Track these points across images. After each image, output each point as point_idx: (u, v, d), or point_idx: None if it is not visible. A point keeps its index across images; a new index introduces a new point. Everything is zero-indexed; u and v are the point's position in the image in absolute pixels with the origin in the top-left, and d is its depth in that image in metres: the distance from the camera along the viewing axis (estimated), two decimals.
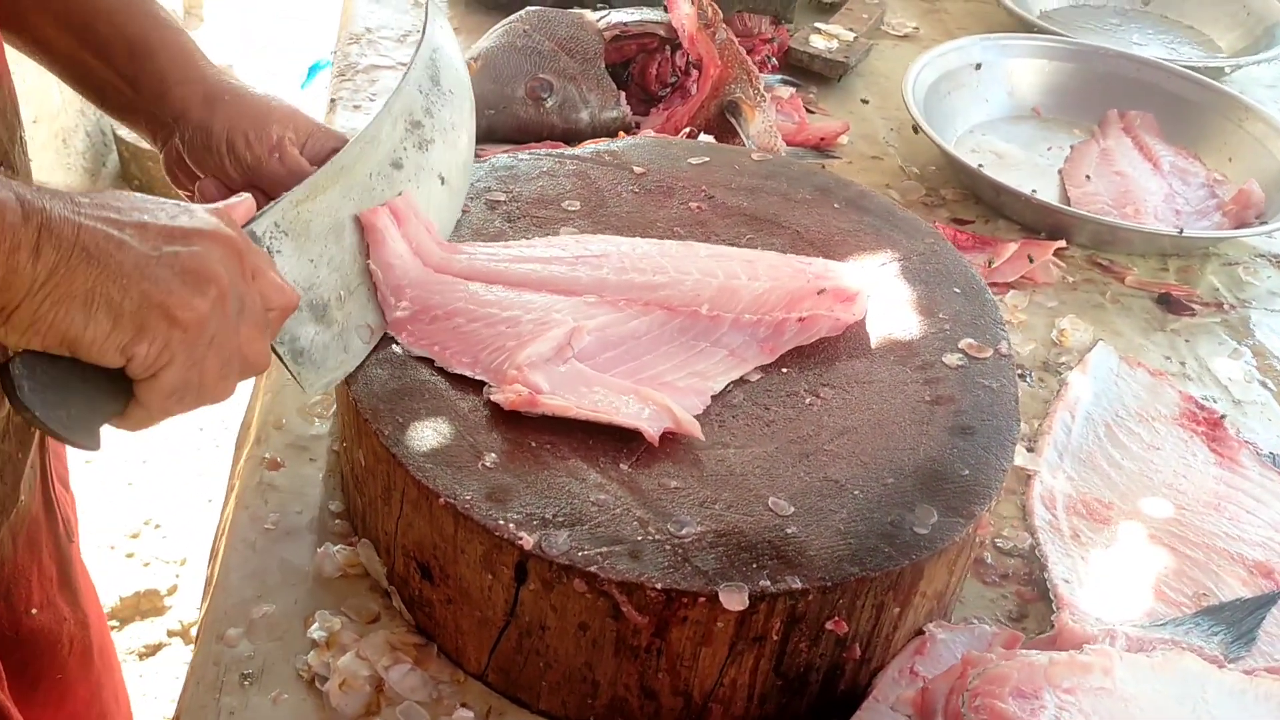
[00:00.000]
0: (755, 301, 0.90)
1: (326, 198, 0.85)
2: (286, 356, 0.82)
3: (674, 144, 1.16)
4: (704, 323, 0.89)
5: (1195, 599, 0.94)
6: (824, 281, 0.92)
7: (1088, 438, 1.09)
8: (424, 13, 1.00)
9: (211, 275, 0.70)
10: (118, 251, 0.66)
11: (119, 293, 0.66)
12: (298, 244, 0.83)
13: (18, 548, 1.03)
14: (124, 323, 0.66)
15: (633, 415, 0.81)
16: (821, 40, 1.66)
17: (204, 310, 0.69)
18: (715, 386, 0.86)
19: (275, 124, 0.91)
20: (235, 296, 0.71)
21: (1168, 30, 1.96)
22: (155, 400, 0.70)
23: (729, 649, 0.75)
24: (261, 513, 0.93)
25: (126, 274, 0.66)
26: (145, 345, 0.67)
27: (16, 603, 1.04)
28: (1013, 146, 1.57)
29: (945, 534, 0.78)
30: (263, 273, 0.75)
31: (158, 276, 0.67)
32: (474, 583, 0.78)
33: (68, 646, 1.13)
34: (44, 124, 3.04)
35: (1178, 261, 1.38)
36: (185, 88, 0.92)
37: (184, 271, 0.68)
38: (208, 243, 0.70)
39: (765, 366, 0.90)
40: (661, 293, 0.89)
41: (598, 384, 0.83)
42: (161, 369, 0.69)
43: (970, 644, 0.84)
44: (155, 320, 0.67)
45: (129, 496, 2.50)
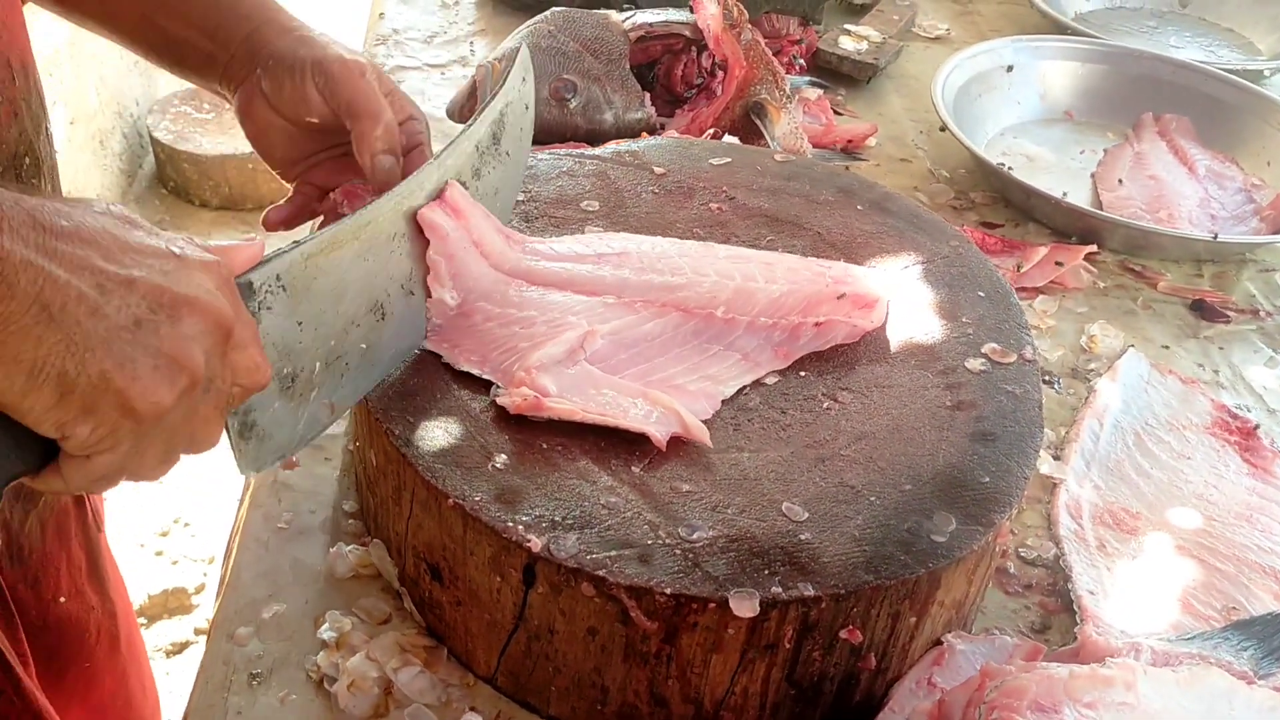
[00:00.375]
0: (772, 305, 0.88)
1: (341, 254, 0.77)
2: (234, 430, 0.71)
3: (695, 144, 1.15)
4: (719, 325, 0.88)
5: (1225, 613, 0.92)
6: (843, 286, 0.90)
7: (1116, 446, 1.06)
8: (513, 58, 0.95)
9: (188, 363, 0.60)
10: (88, 318, 0.56)
11: (75, 367, 0.56)
12: (292, 301, 0.73)
13: (47, 535, 1.03)
14: (71, 401, 0.57)
15: (640, 419, 0.79)
16: (851, 42, 1.65)
17: (168, 403, 0.60)
18: (727, 390, 0.85)
19: (370, 66, 0.90)
20: (206, 380, 0.62)
21: (1206, 33, 1.93)
22: (78, 479, 0.61)
23: (740, 656, 0.74)
24: (275, 512, 0.93)
25: (91, 347, 0.56)
26: (88, 429, 0.58)
27: (45, 590, 1.05)
28: (1044, 150, 1.55)
29: (964, 542, 0.76)
30: (243, 347, 0.65)
31: (127, 357, 0.58)
32: (483, 585, 0.77)
33: (95, 635, 1.14)
34: (81, 125, 3.07)
35: (1213, 267, 1.35)
36: (272, 27, 0.91)
37: (159, 355, 0.59)
38: (196, 319, 0.61)
39: (783, 370, 0.88)
40: (679, 294, 0.88)
41: (607, 386, 0.82)
42: (99, 454, 0.60)
43: (990, 655, 0.83)
44: (107, 406, 0.58)
45: (159, 495, 2.51)
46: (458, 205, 0.85)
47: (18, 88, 0.89)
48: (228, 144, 3.33)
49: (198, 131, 3.37)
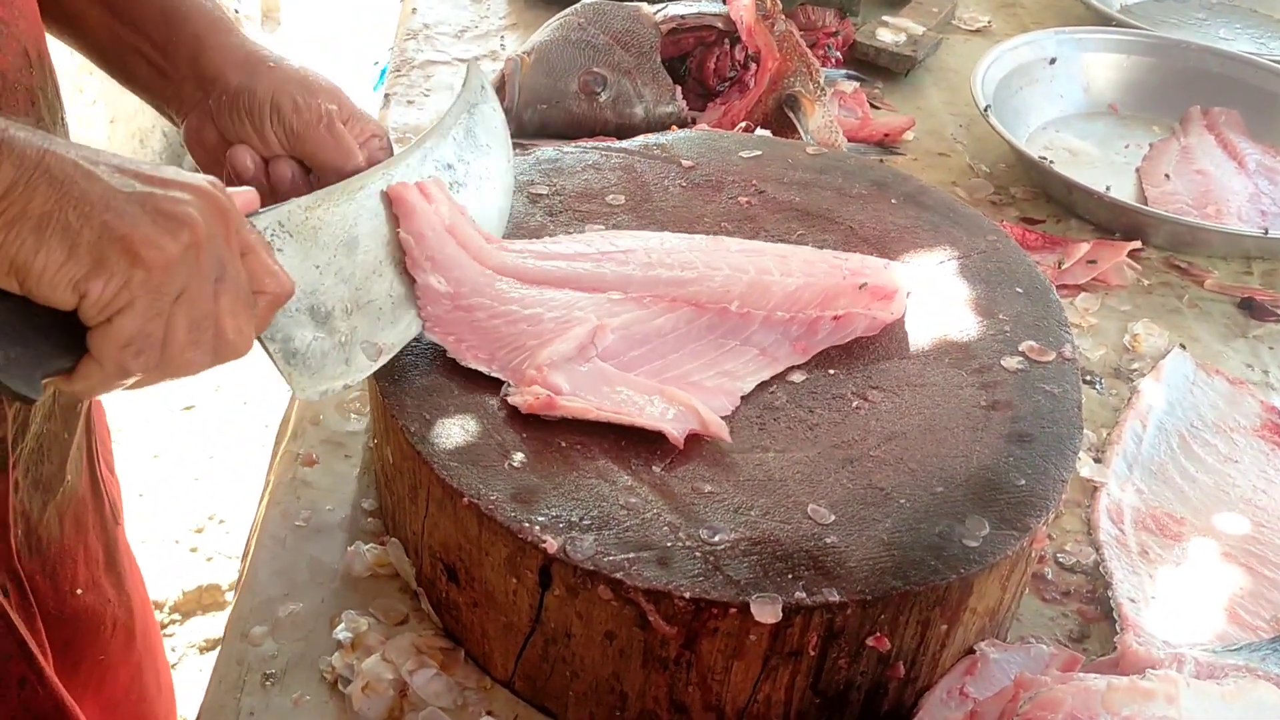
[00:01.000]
0: (788, 298, 0.86)
1: (340, 209, 0.80)
2: (278, 355, 0.76)
3: (725, 137, 1.12)
4: (733, 320, 0.85)
5: (1273, 623, 0.88)
6: (861, 278, 0.88)
7: (1160, 449, 1.03)
8: (468, 76, 0.94)
9: (186, 220, 0.64)
10: (84, 180, 0.61)
11: (78, 219, 0.60)
12: (303, 247, 0.77)
13: (64, 527, 1.03)
14: (80, 253, 0.60)
15: (657, 416, 0.77)
16: (889, 34, 1.61)
17: (172, 253, 0.63)
18: (745, 387, 0.82)
19: (323, 95, 0.88)
20: (214, 256, 0.66)
21: (1257, 24, 1.87)
22: (109, 350, 0.64)
23: (763, 663, 0.71)
24: (293, 509, 0.91)
25: (90, 202, 0.61)
26: (101, 282, 0.61)
27: (62, 582, 1.04)
28: (1088, 144, 1.51)
29: (997, 548, 0.73)
30: (254, 251, 0.69)
31: (124, 211, 0.62)
32: (499, 586, 0.75)
33: (110, 629, 1.13)
34: (121, 124, 3.10)
35: (1263, 264, 1.31)
36: (222, 53, 0.89)
37: (155, 211, 0.63)
38: (190, 193, 0.65)
39: (810, 367, 0.85)
40: (689, 289, 0.85)
41: (621, 384, 0.79)
42: (118, 312, 0.63)
43: (1025, 665, 0.79)
44: (115, 255, 0.61)
45: (194, 491, 2.52)
46: (427, 189, 0.84)
47: (34, 76, 0.88)
48: None
49: None
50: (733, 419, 0.81)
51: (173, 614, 2.29)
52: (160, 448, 2.62)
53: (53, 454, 0.97)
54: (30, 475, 0.94)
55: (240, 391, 2.75)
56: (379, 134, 0.92)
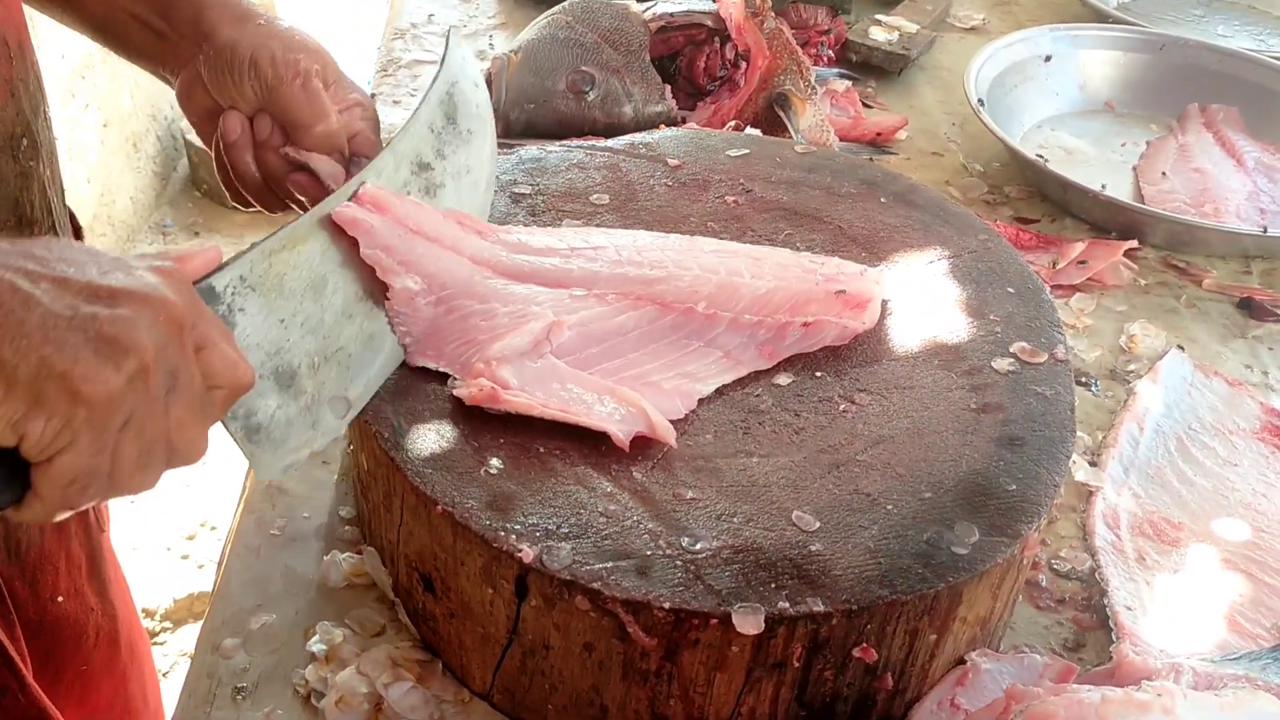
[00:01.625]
0: (757, 302, 0.83)
1: (306, 249, 0.75)
2: (239, 434, 0.71)
3: (712, 136, 1.10)
4: (699, 321, 0.83)
5: (1274, 631, 0.86)
6: (836, 284, 0.85)
7: (1157, 452, 1.00)
8: (444, 41, 0.92)
9: (132, 345, 0.59)
10: (21, 308, 0.56)
11: (14, 355, 0.56)
12: (267, 301, 0.72)
13: (45, 532, 1.01)
14: (17, 393, 0.56)
15: (604, 416, 0.75)
16: (882, 32, 1.59)
17: (115, 385, 0.58)
18: (704, 389, 0.80)
19: (304, 54, 0.86)
20: (164, 372, 0.61)
21: (1255, 21, 1.85)
22: (51, 490, 0.60)
23: (746, 675, 0.69)
24: (269, 517, 0.89)
25: (27, 334, 0.56)
26: (40, 422, 0.57)
27: (42, 589, 1.02)
28: (1083, 142, 1.49)
29: (987, 555, 0.71)
30: (212, 345, 0.64)
31: (64, 341, 0.57)
32: (475, 597, 0.73)
33: (94, 638, 1.11)
34: (114, 128, 3.08)
35: (1262, 264, 1.29)
36: (220, 9, 0.87)
37: (98, 338, 0.58)
38: (137, 306, 0.60)
39: (797, 370, 0.83)
40: (656, 288, 0.83)
41: (572, 381, 0.77)
42: (59, 452, 0.58)
43: (1018, 675, 0.77)
44: (54, 393, 0.57)
45: (186, 498, 2.50)
46: (376, 199, 0.80)
47: (14, 67, 0.87)
48: None
49: None
50: (707, 422, 0.79)
51: (164, 622, 2.26)
52: None
53: None
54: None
55: None
56: (363, 103, 0.91)
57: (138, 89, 3.22)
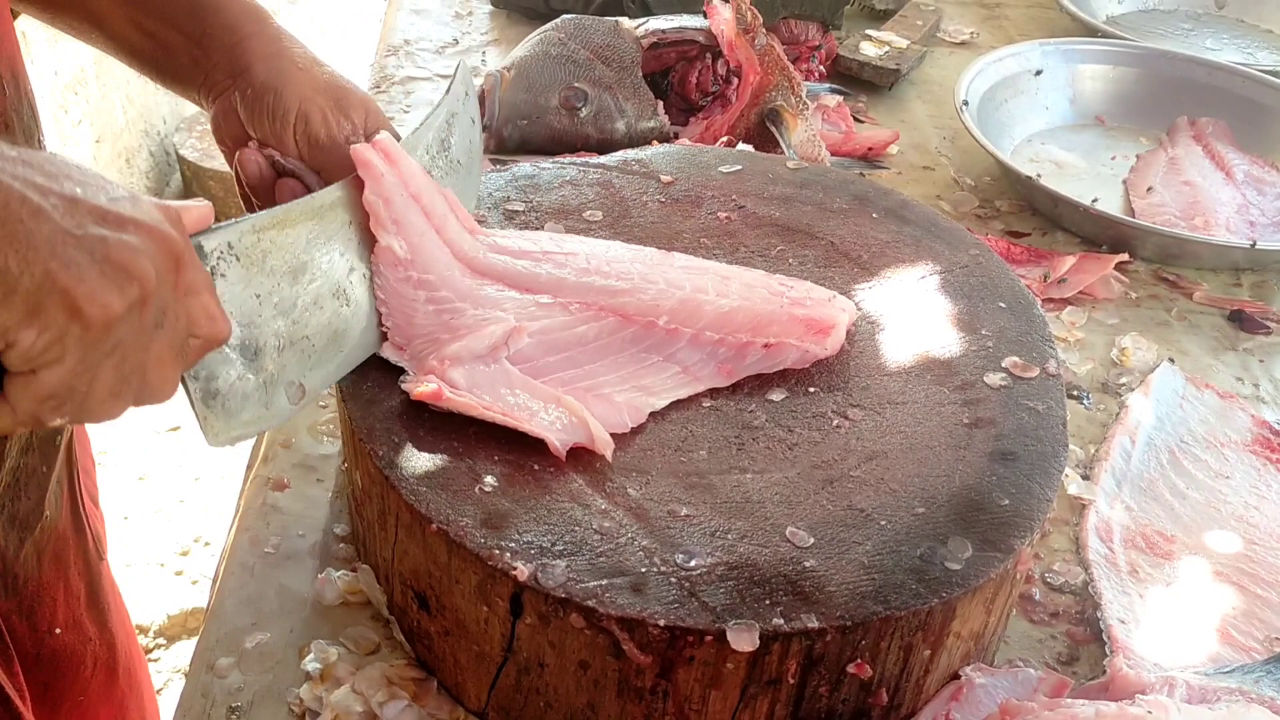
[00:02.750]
0: (719, 319, 0.83)
1: (294, 233, 0.76)
2: (196, 395, 0.71)
3: (705, 152, 1.11)
4: (659, 335, 0.83)
5: (1267, 644, 0.86)
6: (800, 307, 0.85)
7: (1149, 465, 1.01)
8: (454, 73, 0.92)
9: (138, 273, 0.59)
10: (31, 219, 0.55)
11: (19, 264, 0.54)
12: (247, 273, 0.73)
13: (43, 564, 0.99)
14: (15, 301, 0.55)
15: (545, 424, 0.75)
16: (872, 47, 1.60)
17: (117, 311, 0.58)
18: (658, 403, 0.80)
19: (355, 109, 0.84)
20: (158, 306, 0.61)
21: (1243, 35, 1.86)
22: (25, 401, 0.59)
23: (741, 692, 0.69)
24: (263, 535, 0.89)
25: (35, 246, 0.55)
26: (33, 333, 0.56)
27: (40, 622, 1.01)
28: (1074, 156, 1.49)
29: (981, 570, 0.71)
30: (197, 292, 0.65)
31: (71, 259, 0.56)
32: (470, 615, 0.73)
33: (91, 668, 1.10)
34: (107, 144, 3.08)
35: (1252, 276, 1.29)
36: (256, 43, 0.85)
37: (106, 260, 0.58)
38: (144, 236, 0.60)
39: (790, 385, 0.84)
40: (619, 299, 0.83)
41: (521, 387, 0.77)
42: (44, 366, 0.58)
43: (1012, 690, 0.77)
44: (54, 307, 0.56)
45: (180, 514, 2.50)
46: (389, 150, 0.80)
47: (8, 99, 0.86)
48: None
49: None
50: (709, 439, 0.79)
51: (157, 639, 2.26)
52: (145, 470, 2.59)
53: (30, 489, 0.93)
54: (6, 512, 0.91)
55: None
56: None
57: (130, 104, 3.22)
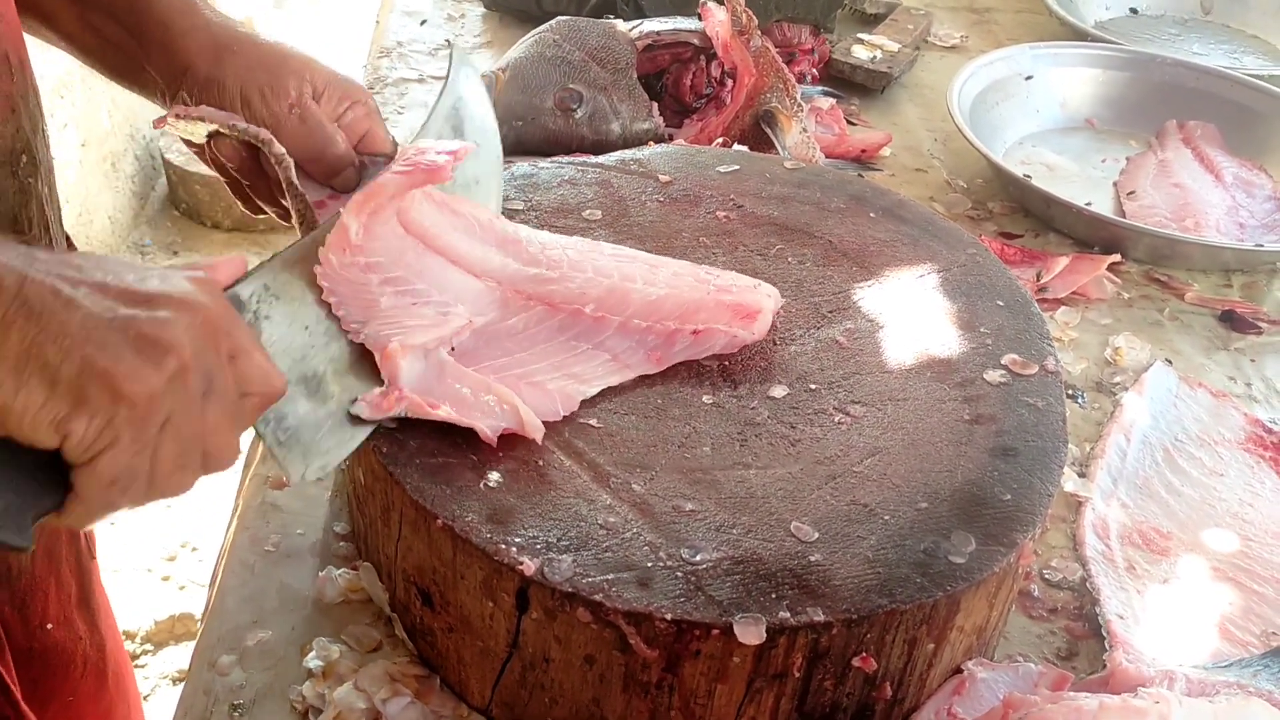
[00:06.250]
0: (648, 307, 0.84)
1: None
2: (270, 441, 0.71)
3: (703, 152, 1.11)
4: (587, 323, 0.83)
5: (1263, 638, 0.86)
6: (726, 294, 0.86)
7: (1144, 462, 1.02)
8: (449, 59, 0.92)
9: (171, 344, 0.60)
10: (64, 310, 0.57)
11: (57, 355, 0.56)
12: (290, 308, 0.73)
13: (36, 557, 1.00)
14: (60, 392, 0.56)
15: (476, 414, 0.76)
16: (864, 51, 1.61)
17: (156, 384, 0.59)
18: (589, 391, 0.81)
19: (291, 76, 0.84)
20: (202, 374, 0.61)
21: (1230, 40, 1.88)
22: (94, 490, 0.60)
23: (747, 686, 0.69)
24: (263, 534, 0.89)
25: (70, 334, 0.57)
26: (84, 421, 0.57)
27: (31, 615, 1.01)
28: (1065, 159, 1.50)
29: (984, 564, 0.71)
30: (245, 353, 0.65)
31: (105, 341, 0.58)
32: (475, 610, 0.73)
33: (81, 668, 1.09)
34: (93, 148, 3.06)
35: (1242, 277, 1.30)
36: (190, 37, 0.85)
37: (139, 338, 0.59)
38: (175, 309, 0.61)
39: (791, 382, 0.84)
40: (546, 287, 0.83)
41: (457, 378, 0.77)
42: (102, 451, 0.59)
43: (1013, 684, 0.78)
44: (97, 392, 0.57)
45: (166, 519, 2.48)
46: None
47: (15, 84, 0.86)
48: None
49: None
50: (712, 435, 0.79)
51: (144, 644, 2.24)
52: None
53: None
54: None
55: None
56: (360, 98, 0.89)
57: (116, 108, 3.21)
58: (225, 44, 0.85)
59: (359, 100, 0.89)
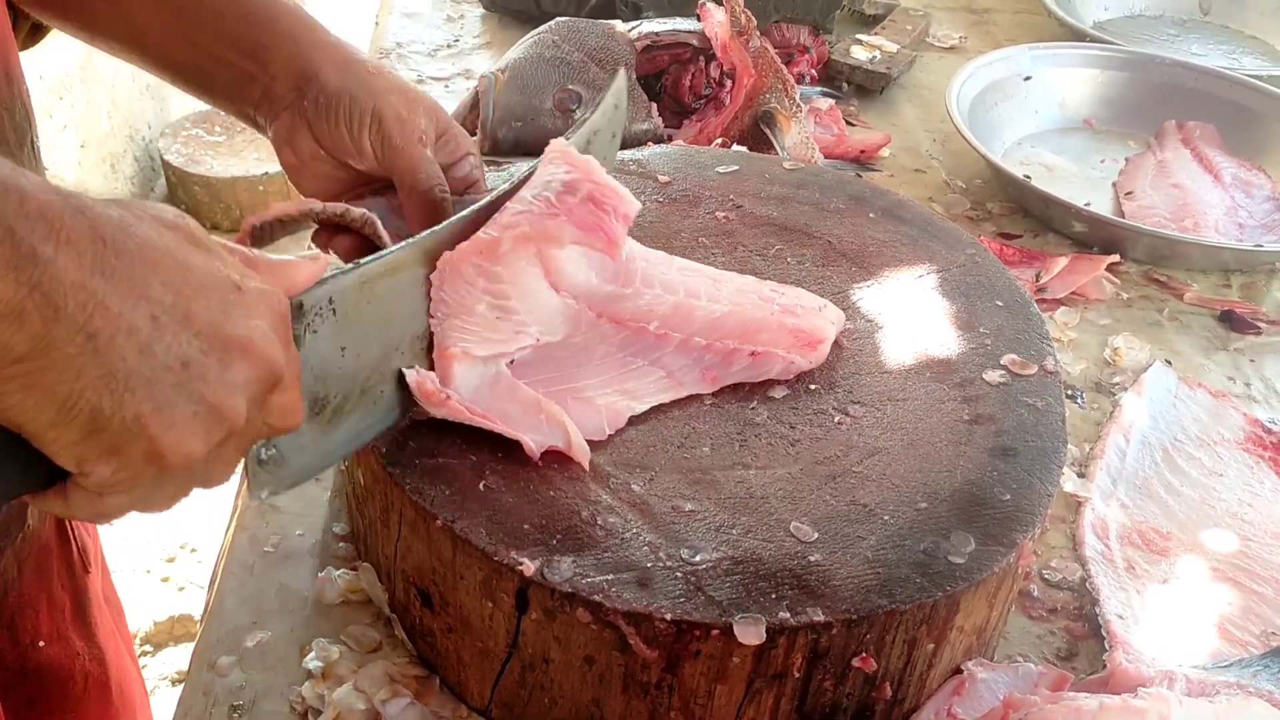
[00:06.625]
0: (709, 325, 0.82)
1: (398, 279, 0.72)
2: (253, 455, 0.66)
3: (702, 153, 1.11)
4: (648, 339, 0.81)
5: (1263, 638, 0.86)
6: (790, 318, 0.84)
7: (1144, 463, 1.02)
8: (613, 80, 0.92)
9: (230, 414, 0.56)
10: (134, 355, 0.51)
11: (112, 405, 0.51)
12: (340, 326, 0.68)
13: (25, 574, 0.97)
14: (99, 439, 0.52)
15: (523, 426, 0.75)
16: (863, 52, 1.61)
17: (198, 455, 0.55)
18: (638, 408, 0.79)
19: (423, 111, 0.83)
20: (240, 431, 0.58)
21: (1229, 40, 1.88)
22: (83, 509, 0.56)
23: (747, 686, 0.69)
24: (262, 534, 0.89)
25: (132, 387, 0.52)
26: (109, 468, 0.53)
27: (22, 634, 0.98)
28: (1063, 159, 1.50)
29: (984, 564, 0.71)
30: (284, 390, 0.61)
31: (166, 400, 0.53)
32: (474, 611, 0.73)
33: (81, 684, 1.07)
34: (92, 149, 3.07)
35: (1241, 277, 1.31)
36: (321, 50, 0.83)
37: (201, 403, 0.54)
38: (247, 365, 0.56)
39: (791, 383, 0.84)
40: (619, 305, 0.80)
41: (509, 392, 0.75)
42: (112, 494, 0.55)
43: (1013, 684, 0.78)
44: (135, 450, 0.53)
45: (165, 520, 2.48)
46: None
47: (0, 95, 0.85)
48: (238, 166, 3.32)
49: (209, 154, 3.36)
50: (711, 435, 0.79)
51: (144, 645, 2.24)
52: None
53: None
54: None
55: None
56: (472, 151, 0.89)
57: (115, 110, 3.21)
58: (359, 63, 0.84)
59: (472, 153, 0.89)
